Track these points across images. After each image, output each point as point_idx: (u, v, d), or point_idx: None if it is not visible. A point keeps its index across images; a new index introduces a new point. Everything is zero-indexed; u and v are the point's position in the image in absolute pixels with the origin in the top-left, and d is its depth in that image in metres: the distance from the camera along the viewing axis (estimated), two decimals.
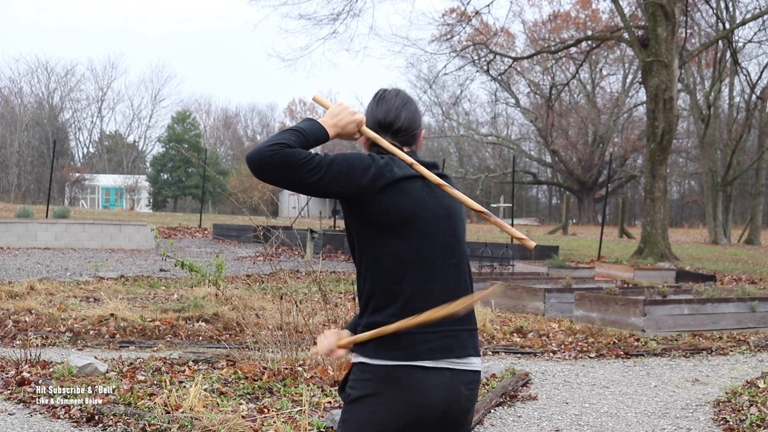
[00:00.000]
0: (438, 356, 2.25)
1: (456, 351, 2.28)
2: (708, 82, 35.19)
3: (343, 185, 2.20)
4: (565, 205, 38.54)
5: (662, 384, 6.71)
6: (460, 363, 2.28)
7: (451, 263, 2.31)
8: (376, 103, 2.43)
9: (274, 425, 4.77)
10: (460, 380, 2.28)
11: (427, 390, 2.23)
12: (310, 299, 8.02)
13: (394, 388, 2.22)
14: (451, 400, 2.26)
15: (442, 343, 2.25)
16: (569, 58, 34.21)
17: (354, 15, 24.89)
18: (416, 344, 2.23)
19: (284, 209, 51.15)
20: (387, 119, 2.39)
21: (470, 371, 2.31)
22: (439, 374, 2.25)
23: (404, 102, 2.42)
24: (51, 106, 60.69)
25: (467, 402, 2.31)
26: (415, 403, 2.23)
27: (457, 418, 2.30)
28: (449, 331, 2.27)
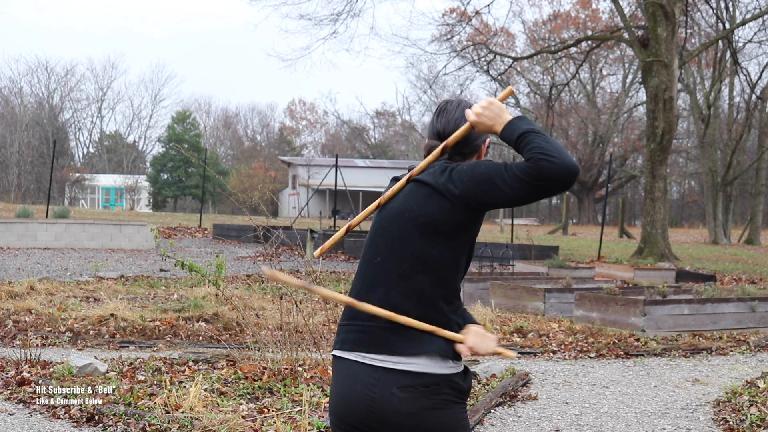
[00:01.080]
0: (346, 348, 2.30)
1: (365, 346, 2.26)
2: (708, 82, 35.20)
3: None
4: (565, 205, 38.55)
5: (662, 384, 6.71)
6: (377, 359, 2.24)
7: (376, 262, 2.33)
8: (437, 115, 2.43)
9: (274, 425, 4.77)
10: (386, 379, 2.22)
11: (343, 379, 2.30)
12: (310, 299, 8.02)
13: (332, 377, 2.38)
14: (374, 398, 2.22)
15: (351, 336, 2.30)
16: (569, 58, 34.22)
17: (354, 15, 24.91)
18: (338, 335, 2.36)
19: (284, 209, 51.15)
20: (446, 131, 2.39)
21: (402, 372, 2.22)
22: (350, 365, 2.28)
23: (464, 113, 2.39)
24: (51, 106, 60.70)
25: (403, 404, 2.21)
26: (335, 392, 2.33)
27: (398, 421, 2.22)
28: (361, 326, 2.29)
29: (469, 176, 2.23)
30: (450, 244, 2.27)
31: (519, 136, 2.22)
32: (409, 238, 2.27)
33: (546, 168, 2.14)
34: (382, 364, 2.24)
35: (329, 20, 24.27)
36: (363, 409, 2.24)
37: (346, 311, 2.36)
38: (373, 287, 2.30)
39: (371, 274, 2.32)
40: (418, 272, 2.26)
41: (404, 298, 2.26)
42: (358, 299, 2.31)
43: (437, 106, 2.46)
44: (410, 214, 2.28)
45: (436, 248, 2.26)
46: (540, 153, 2.16)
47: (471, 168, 2.24)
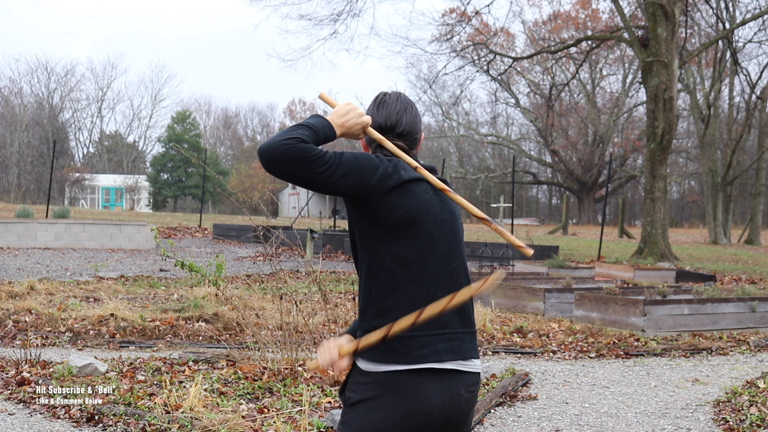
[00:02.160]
0: (444, 359, 2.24)
1: (460, 353, 2.27)
2: (708, 82, 35.19)
3: (352, 183, 2.21)
4: (565, 205, 38.54)
5: (662, 384, 6.71)
6: (463, 365, 2.28)
7: (453, 266, 2.30)
8: (377, 107, 2.43)
9: (274, 425, 4.77)
10: (460, 383, 2.27)
11: (427, 394, 2.22)
12: (310, 299, 8.02)
13: (394, 392, 2.21)
14: (451, 403, 2.25)
15: (446, 346, 2.25)
16: (569, 58, 34.22)
17: (354, 15, 24.90)
18: (421, 347, 2.21)
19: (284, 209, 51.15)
20: (388, 123, 2.39)
21: (471, 373, 2.30)
22: (440, 377, 2.23)
23: (405, 106, 2.42)
24: (51, 106, 60.70)
25: (467, 404, 2.30)
26: (414, 408, 2.21)
27: (457, 420, 2.29)
28: (453, 333, 2.27)
29: None
30: None
31: None
32: (463, 239, 2.40)
33: None
34: (457, 366, 2.27)
35: (329, 20, 24.28)
36: (437, 415, 2.24)
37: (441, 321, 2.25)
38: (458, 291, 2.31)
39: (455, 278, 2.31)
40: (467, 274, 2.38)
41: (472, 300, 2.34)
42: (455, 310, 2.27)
43: (375, 97, 2.46)
44: (461, 216, 2.39)
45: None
46: None
47: None
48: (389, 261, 2.24)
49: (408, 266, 2.24)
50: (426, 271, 2.26)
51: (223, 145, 72.98)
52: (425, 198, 2.29)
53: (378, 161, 2.26)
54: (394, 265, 2.24)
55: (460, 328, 2.28)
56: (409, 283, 2.24)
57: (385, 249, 2.25)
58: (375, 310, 2.25)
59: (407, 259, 2.24)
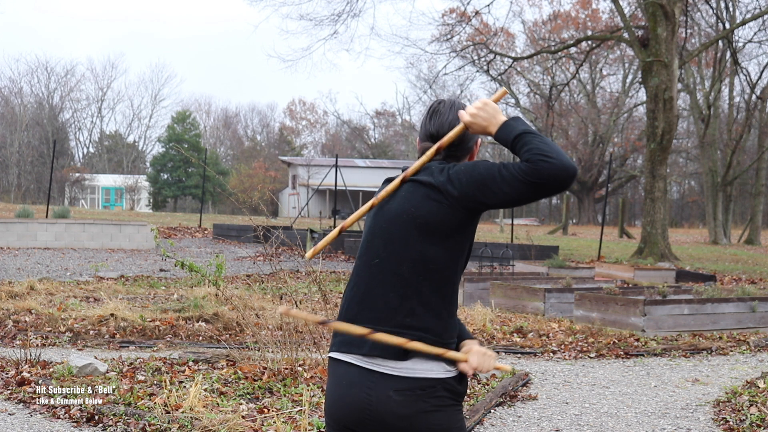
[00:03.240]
0: (344, 350, 2.28)
1: (361, 348, 2.25)
2: (708, 82, 35.20)
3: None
4: (565, 205, 38.55)
5: (662, 384, 6.71)
6: (374, 363, 2.24)
7: (374, 263, 2.31)
8: (429, 116, 2.42)
9: (274, 425, 4.77)
10: (387, 384, 2.22)
11: (339, 382, 2.29)
12: (310, 299, 8.02)
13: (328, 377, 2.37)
14: (376, 402, 2.22)
15: (349, 338, 2.28)
16: (569, 58, 34.22)
17: (354, 15, 24.92)
18: (334, 336, 2.35)
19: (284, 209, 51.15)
20: (440, 134, 2.38)
21: (398, 377, 2.22)
22: (348, 368, 2.27)
23: (456, 115, 2.38)
24: (51, 106, 60.70)
25: (401, 408, 2.21)
26: (332, 394, 2.32)
27: (395, 424, 2.23)
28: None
29: (467, 177, 2.22)
30: (448, 244, 2.26)
31: (515, 137, 2.22)
32: (409, 239, 2.26)
33: (544, 169, 2.14)
34: (379, 368, 2.24)
35: (330, 21, 24.29)
36: (359, 411, 2.24)
37: (343, 313, 2.33)
38: (372, 289, 2.29)
39: (368, 275, 2.31)
40: (418, 274, 2.25)
41: (403, 299, 2.25)
42: (354, 302, 2.31)
43: (429, 107, 2.44)
44: (408, 215, 2.27)
45: (435, 249, 2.25)
46: (538, 154, 2.15)
47: (469, 168, 2.23)
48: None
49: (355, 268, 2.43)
50: (355, 271, 2.38)
51: (223, 145, 72.99)
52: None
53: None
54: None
55: (369, 325, 2.25)
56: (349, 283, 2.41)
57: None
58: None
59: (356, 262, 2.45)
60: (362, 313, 2.28)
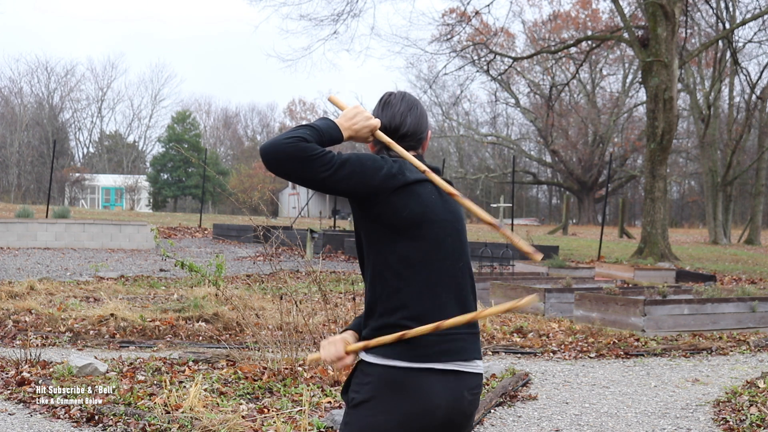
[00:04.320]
0: (446, 359, 2.24)
1: (463, 354, 2.27)
2: (708, 82, 35.19)
3: (354, 184, 2.21)
4: (565, 205, 38.54)
5: (662, 384, 6.71)
6: (466, 366, 2.28)
7: (458, 267, 2.31)
8: (381, 108, 2.42)
9: (274, 425, 4.77)
10: (463, 385, 2.26)
11: (430, 395, 2.21)
12: (310, 299, 8.03)
13: (396, 392, 2.20)
14: (453, 404, 2.24)
15: (450, 346, 2.25)
16: (569, 58, 34.21)
17: (354, 15, 24.92)
18: (425, 346, 2.21)
19: (284, 209, 51.15)
20: (392, 124, 2.39)
21: (474, 374, 2.30)
22: (444, 378, 2.23)
23: (410, 106, 2.41)
24: (51, 106, 60.70)
25: (470, 407, 2.29)
26: (417, 409, 2.20)
27: (459, 422, 2.28)
28: (457, 334, 2.27)
29: None
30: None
31: None
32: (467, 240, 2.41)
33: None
34: (460, 368, 2.27)
35: (330, 20, 24.29)
36: (440, 417, 2.23)
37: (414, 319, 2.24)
38: (467, 296, 2.34)
39: (461, 280, 2.33)
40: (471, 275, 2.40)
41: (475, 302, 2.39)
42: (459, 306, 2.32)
43: (380, 98, 2.45)
44: (464, 217, 2.40)
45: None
46: None
47: None
48: (394, 261, 2.25)
49: (413, 266, 2.25)
50: (431, 272, 2.26)
51: (223, 145, 72.99)
52: (430, 199, 2.29)
53: (382, 162, 2.26)
54: (399, 266, 2.25)
55: (464, 329, 2.27)
56: (414, 284, 2.24)
57: (390, 249, 2.25)
58: (381, 309, 2.26)
59: (412, 260, 2.25)
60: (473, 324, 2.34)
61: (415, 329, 2.18)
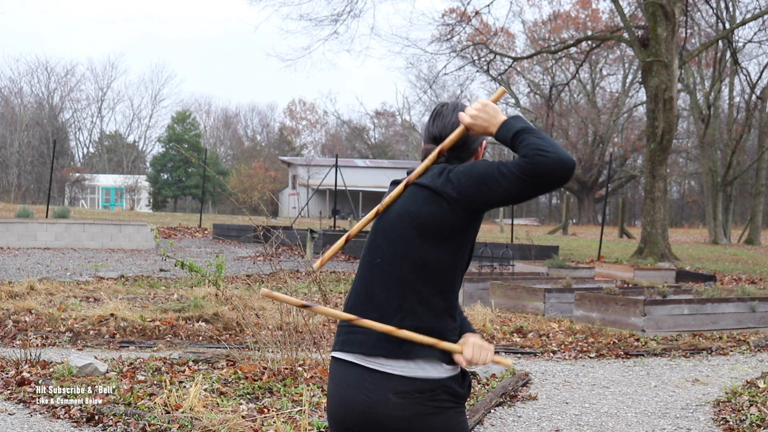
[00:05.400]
0: (346, 349, 2.28)
1: (363, 347, 2.25)
2: (708, 82, 35.20)
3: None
4: (565, 205, 38.55)
5: (662, 384, 6.71)
6: (375, 362, 2.23)
7: (376, 263, 2.32)
8: (433, 119, 2.42)
9: (274, 425, 4.77)
10: (385, 385, 2.21)
11: (339, 382, 2.29)
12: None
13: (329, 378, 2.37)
14: (375, 404, 2.21)
15: (349, 338, 2.29)
16: (569, 58, 34.22)
17: (354, 16, 24.95)
18: (337, 335, 2.35)
19: (284, 209, 51.14)
20: (443, 135, 2.38)
21: (396, 375, 2.21)
22: (350, 368, 2.27)
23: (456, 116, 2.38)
24: (51, 106, 60.70)
25: (400, 410, 2.20)
26: (333, 395, 2.32)
27: (394, 426, 2.22)
28: (361, 328, 2.26)
29: (465, 177, 2.22)
30: (449, 246, 2.26)
31: (514, 135, 2.22)
32: (410, 241, 2.27)
33: (541, 163, 2.14)
34: (379, 367, 2.23)
35: (330, 21, 24.30)
36: (360, 413, 2.24)
37: (346, 311, 2.35)
38: (374, 289, 2.30)
39: (371, 275, 2.32)
40: (419, 275, 2.25)
41: (404, 299, 2.25)
42: (358, 301, 2.31)
43: (433, 110, 2.44)
44: (409, 216, 2.28)
45: (435, 250, 2.25)
46: (534, 149, 2.15)
47: (467, 169, 2.24)
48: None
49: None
50: (359, 270, 2.38)
51: (223, 145, 72.99)
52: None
53: None
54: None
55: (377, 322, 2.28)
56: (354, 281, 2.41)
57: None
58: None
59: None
60: (364, 312, 2.28)
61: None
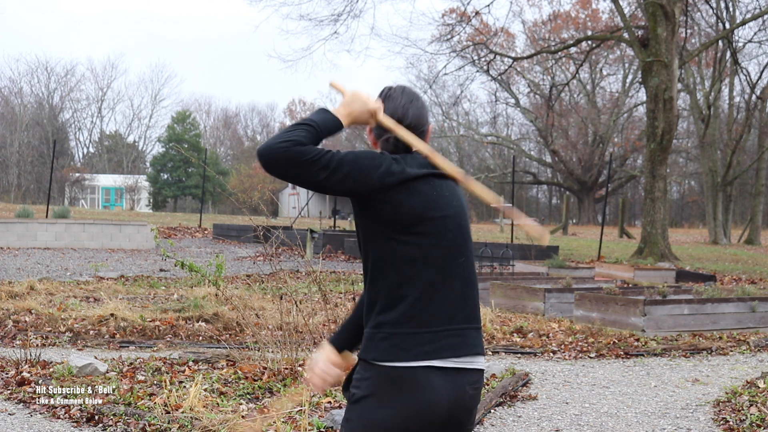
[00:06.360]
0: (446, 355, 2.23)
1: (463, 349, 2.26)
2: (708, 82, 35.19)
3: (352, 183, 2.21)
4: (565, 205, 38.55)
5: (662, 384, 6.71)
6: (467, 362, 2.27)
7: (459, 262, 2.30)
8: (382, 101, 2.40)
9: (274, 425, 4.77)
10: (465, 380, 2.26)
11: (434, 391, 2.21)
12: (310, 299, 8.03)
13: (399, 388, 2.20)
14: (456, 400, 2.24)
15: (450, 342, 2.24)
16: (569, 58, 34.22)
17: (354, 16, 24.92)
18: (423, 344, 2.21)
19: (284, 209, 51.13)
20: (394, 117, 2.37)
21: (475, 370, 2.29)
22: (445, 374, 2.23)
23: (410, 99, 2.39)
24: (51, 106, 60.70)
25: (471, 401, 2.29)
26: (420, 404, 2.20)
27: (461, 418, 2.28)
28: (457, 329, 2.26)
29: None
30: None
31: None
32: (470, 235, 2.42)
33: None
34: (460, 364, 2.26)
35: (330, 21, 24.29)
36: (442, 413, 2.23)
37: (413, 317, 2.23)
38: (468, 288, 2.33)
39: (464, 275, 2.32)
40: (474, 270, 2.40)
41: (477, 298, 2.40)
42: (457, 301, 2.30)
43: (380, 92, 2.44)
44: (468, 212, 2.40)
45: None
46: None
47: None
48: (395, 257, 2.24)
49: (413, 263, 2.24)
50: (431, 268, 2.25)
51: (223, 145, 72.99)
52: (431, 195, 2.28)
53: (381, 159, 2.25)
54: (400, 262, 2.24)
55: (464, 324, 2.28)
56: (415, 281, 2.24)
57: (390, 246, 2.24)
58: (381, 306, 2.25)
59: (412, 256, 2.24)
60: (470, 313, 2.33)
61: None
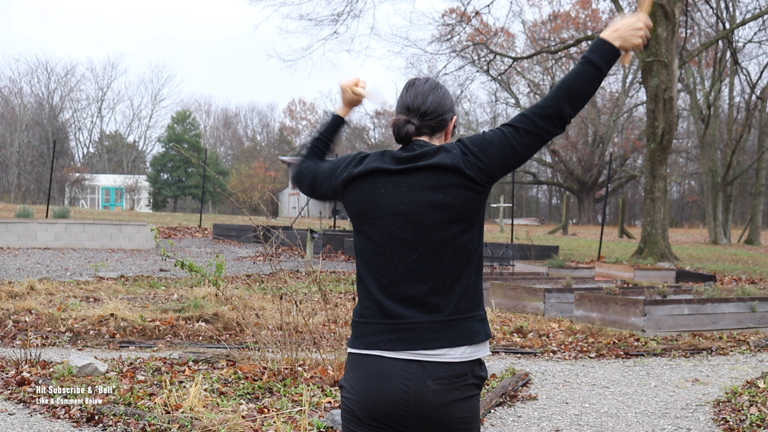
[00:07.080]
0: (396, 348, 2.25)
1: (418, 343, 2.25)
2: (708, 82, 35.20)
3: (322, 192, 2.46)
4: (565, 205, 38.55)
5: (662, 384, 6.71)
6: (420, 355, 2.24)
7: (412, 259, 2.28)
8: (406, 89, 2.47)
9: (274, 425, 4.77)
10: (425, 374, 2.23)
11: (380, 379, 2.25)
12: (310, 299, 8.02)
13: (356, 376, 2.30)
14: (414, 394, 2.22)
15: (399, 336, 2.26)
16: (569, 58, 34.22)
17: (354, 16, 24.93)
18: (372, 334, 2.28)
19: (284, 209, 51.14)
20: (415, 103, 2.41)
21: (438, 363, 2.24)
22: (395, 364, 2.25)
23: (432, 87, 2.44)
24: (51, 106, 60.70)
25: (437, 397, 2.24)
26: (370, 392, 2.26)
27: (429, 413, 2.24)
28: (410, 323, 2.26)
29: (492, 147, 2.34)
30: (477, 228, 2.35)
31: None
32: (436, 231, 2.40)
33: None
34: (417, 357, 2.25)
35: (330, 21, 24.29)
36: (395, 403, 2.24)
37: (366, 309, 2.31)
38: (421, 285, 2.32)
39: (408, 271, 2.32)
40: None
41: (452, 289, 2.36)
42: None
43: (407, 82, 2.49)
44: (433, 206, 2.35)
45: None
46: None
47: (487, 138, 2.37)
48: (357, 251, 2.38)
49: (364, 259, 2.33)
50: (379, 265, 2.30)
51: (223, 145, 72.98)
52: (377, 192, 2.30)
53: (335, 161, 2.44)
54: (359, 255, 2.36)
55: (422, 318, 2.26)
56: (366, 275, 2.32)
57: (355, 239, 2.39)
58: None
59: (364, 253, 2.34)
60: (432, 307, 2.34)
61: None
